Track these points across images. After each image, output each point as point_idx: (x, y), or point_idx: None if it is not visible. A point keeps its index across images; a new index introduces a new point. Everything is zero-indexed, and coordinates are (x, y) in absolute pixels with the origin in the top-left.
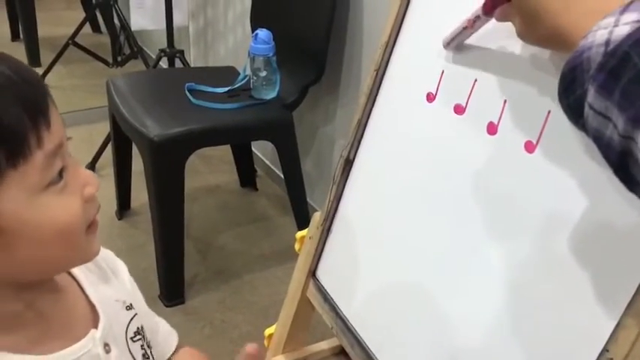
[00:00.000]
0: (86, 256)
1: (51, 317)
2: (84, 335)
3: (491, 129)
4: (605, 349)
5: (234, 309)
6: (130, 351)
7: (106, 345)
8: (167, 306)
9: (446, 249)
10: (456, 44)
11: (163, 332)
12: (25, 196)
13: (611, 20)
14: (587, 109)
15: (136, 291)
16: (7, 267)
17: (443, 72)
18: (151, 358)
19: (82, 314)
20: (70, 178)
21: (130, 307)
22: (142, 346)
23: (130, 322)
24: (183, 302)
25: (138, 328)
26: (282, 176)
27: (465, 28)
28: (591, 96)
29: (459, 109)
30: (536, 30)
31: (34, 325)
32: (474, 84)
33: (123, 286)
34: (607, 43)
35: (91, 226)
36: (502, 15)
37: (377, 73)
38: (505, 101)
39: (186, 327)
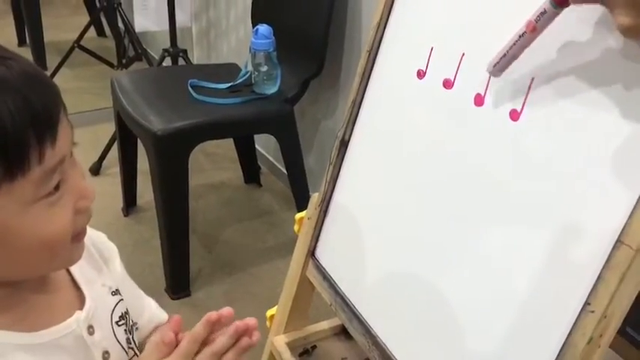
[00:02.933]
0: (67, 263)
1: (36, 299)
2: (69, 316)
3: (478, 100)
4: (587, 303)
5: (239, 301)
6: (115, 335)
7: (90, 327)
8: (173, 299)
9: (440, 222)
10: (508, 61)
11: (150, 314)
12: (16, 207)
13: None
14: None
15: (125, 275)
16: None
17: (432, 49)
18: (133, 343)
19: (68, 297)
20: (66, 190)
21: (115, 293)
22: (125, 330)
23: (115, 307)
24: (189, 295)
25: (122, 312)
26: (285, 172)
27: (521, 36)
28: None
29: (447, 84)
30: None
31: (17, 307)
32: (461, 58)
33: (110, 272)
34: None
35: (78, 235)
36: None
37: (369, 54)
38: None
39: (192, 319)
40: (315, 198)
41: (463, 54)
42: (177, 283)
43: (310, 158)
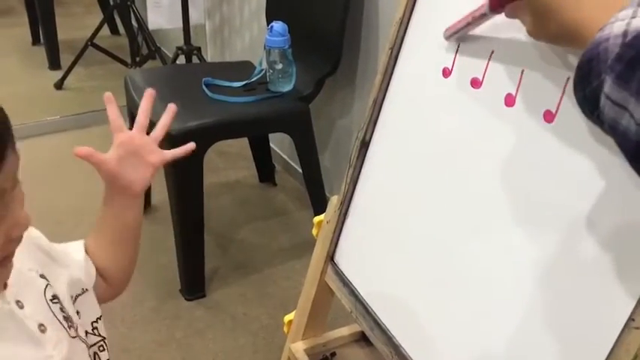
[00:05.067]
0: None
1: None
2: None
3: (509, 101)
4: (630, 319)
5: (255, 302)
6: (51, 309)
7: (18, 302)
8: (188, 300)
9: (465, 228)
10: (458, 37)
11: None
12: None
13: (629, 12)
14: (603, 99)
15: (49, 256)
16: None
17: (459, 46)
18: (74, 324)
19: None
20: (1, 218)
21: (42, 277)
22: (61, 308)
23: (45, 288)
24: (204, 296)
25: (53, 295)
26: (300, 171)
27: (468, 24)
28: (608, 86)
29: (475, 83)
30: (548, 26)
31: None
32: (490, 56)
33: (32, 258)
34: (625, 34)
35: (4, 259)
36: (511, 12)
37: (392, 51)
38: (522, 71)
39: (207, 320)
40: (334, 200)
41: (492, 51)
42: (192, 284)
43: (325, 157)
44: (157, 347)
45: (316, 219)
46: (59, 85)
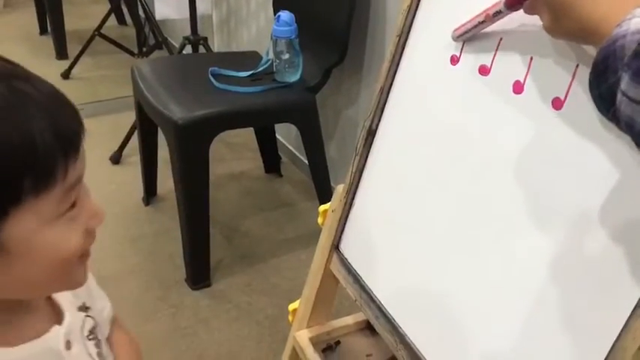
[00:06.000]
0: (73, 285)
1: (13, 315)
2: (46, 331)
3: (518, 88)
4: (637, 306)
5: (260, 292)
6: (87, 349)
7: (67, 342)
8: (193, 289)
9: (471, 216)
10: (468, 37)
11: (108, 310)
12: (36, 223)
13: None
14: (620, 96)
15: (92, 283)
16: None
17: None
18: (102, 356)
19: (43, 311)
20: (79, 209)
21: (81, 308)
22: (95, 344)
23: (84, 322)
24: (209, 285)
25: (91, 327)
26: (306, 162)
27: (481, 22)
28: (625, 83)
29: (484, 70)
30: (564, 23)
31: None
32: (499, 43)
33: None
34: None
35: (82, 256)
36: (529, 8)
37: (399, 39)
38: (531, 58)
39: (212, 309)
40: (340, 189)
41: (501, 38)
42: (197, 273)
43: (331, 148)
44: (162, 336)
45: (322, 208)
46: (66, 75)
